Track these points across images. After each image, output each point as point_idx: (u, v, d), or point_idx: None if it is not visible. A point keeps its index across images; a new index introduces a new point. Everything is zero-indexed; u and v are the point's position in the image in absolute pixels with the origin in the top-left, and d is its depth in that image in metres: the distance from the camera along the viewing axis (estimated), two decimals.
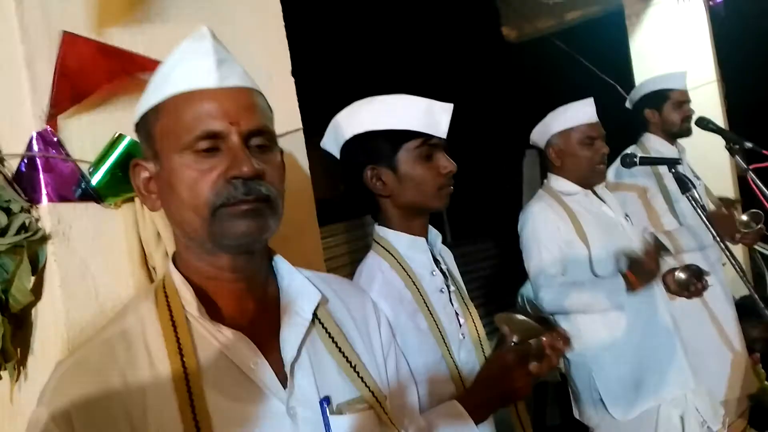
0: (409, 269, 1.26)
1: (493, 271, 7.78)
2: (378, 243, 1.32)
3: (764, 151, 2.35)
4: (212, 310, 0.86)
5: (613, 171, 2.58)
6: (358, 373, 0.93)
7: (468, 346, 1.28)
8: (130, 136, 1.07)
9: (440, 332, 1.22)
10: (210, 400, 0.80)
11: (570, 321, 2.07)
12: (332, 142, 1.35)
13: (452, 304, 1.30)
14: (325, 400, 0.87)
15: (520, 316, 1.18)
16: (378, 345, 1.01)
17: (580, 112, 2.13)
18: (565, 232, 2.07)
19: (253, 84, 0.89)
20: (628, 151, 2.49)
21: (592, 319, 2.04)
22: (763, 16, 4.73)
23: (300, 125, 1.46)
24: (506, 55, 6.21)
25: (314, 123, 1.49)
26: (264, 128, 0.87)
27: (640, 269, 1.96)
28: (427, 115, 1.24)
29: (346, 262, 4.74)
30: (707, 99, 4.02)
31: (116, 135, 1.11)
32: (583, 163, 2.12)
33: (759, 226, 2.42)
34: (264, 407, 0.83)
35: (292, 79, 1.47)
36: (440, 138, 1.26)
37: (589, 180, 2.15)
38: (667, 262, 2.16)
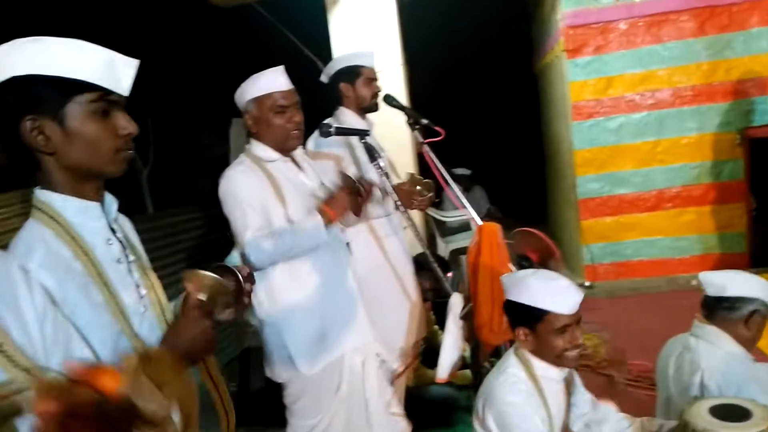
0: (79, 238, 1.11)
1: (202, 241, 7.61)
2: (39, 209, 1.13)
3: (437, 128, 2.72)
4: None
5: (312, 140, 2.70)
6: (5, 352, 0.81)
7: (150, 320, 1.20)
8: None
9: (118, 305, 1.13)
10: None
11: (264, 282, 2.13)
12: None
13: (132, 276, 1.20)
14: None
15: (206, 272, 1.14)
16: (31, 315, 0.89)
17: (273, 80, 2.16)
18: (265, 195, 2.11)
19: None
20: (325, 121, 2.63)
21: (285, 284, 2.13)
22: (442, 8, 5.42)
23: None
24: (214, 19, 6.02)
25: None
26: None
27: (334, 202, 2.10)
28: (108, 67, 1.09)
29: None
30: (394, 81, 4.49)
31: None
32: (276, 131, 2.16)
33: (430, 194, 2.80)
34: None
35: None
36: (121, 95, 1.13)
37: (284, 146, 2.20)
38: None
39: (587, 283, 5.33)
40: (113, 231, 1.19)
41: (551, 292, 1.81)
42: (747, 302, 1.97)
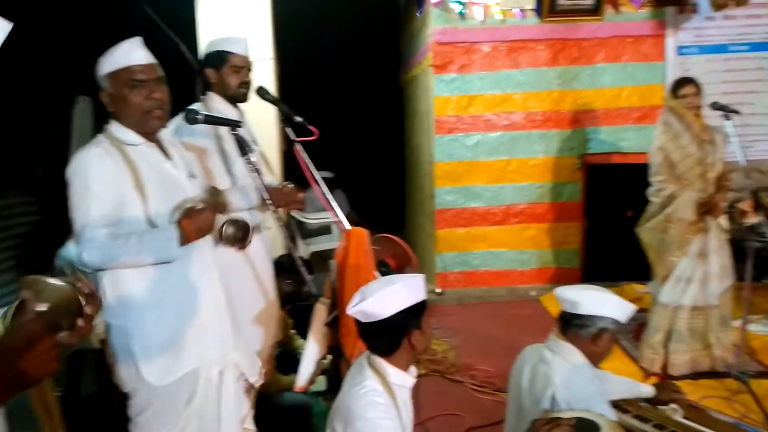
0: None
1: (33, 228, 6.82)
2: None
3: (310, 126, 2.65)
4: None
5: (173, 125, 2.46)
6: None
7: None
8: None
9: None
10: None
11: (113, 284, 1.92)
12: None
13: None
14: None
15: (50, 279, 0.96)
16: None
17: (129, 53, 1.93)
18: (121, 183, 1.87)
19: None
20: (193, 107, 2.43)
21: (136, 282, 1.91)
22: (314, 10, 5.37)
23: None
24: None
25: None
26: None
27: (196, 219, 1.90)
28: None
29: None
30: (264, 74, 4.35)
31: None
32: (133, 108, 1.94)
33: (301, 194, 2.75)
34: None
35: None
36: None
37: (144, 127, 1.98)
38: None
39: (438, 290, 5.54)
40: None
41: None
42: (597, 320, 2.06)
